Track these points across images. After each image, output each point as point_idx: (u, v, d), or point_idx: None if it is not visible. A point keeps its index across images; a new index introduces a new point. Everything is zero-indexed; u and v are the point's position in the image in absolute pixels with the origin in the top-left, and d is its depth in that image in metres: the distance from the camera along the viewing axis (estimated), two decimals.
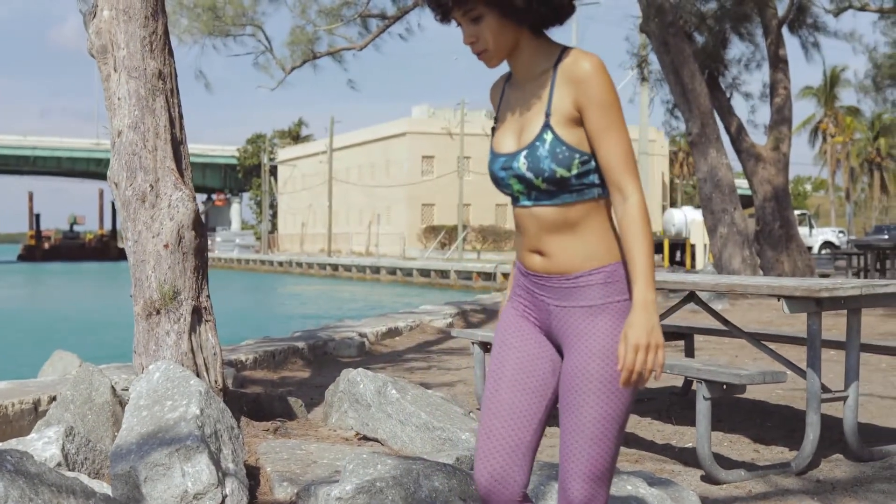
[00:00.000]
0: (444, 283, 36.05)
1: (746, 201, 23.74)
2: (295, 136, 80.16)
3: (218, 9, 18.57)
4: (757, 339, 5.24)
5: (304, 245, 67.14)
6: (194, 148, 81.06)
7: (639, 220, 2.15)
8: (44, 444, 3.94)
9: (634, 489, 3.53)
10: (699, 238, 30.15)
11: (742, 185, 35.31)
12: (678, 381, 6.78)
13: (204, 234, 4.97)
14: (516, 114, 2.29)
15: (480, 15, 2.19)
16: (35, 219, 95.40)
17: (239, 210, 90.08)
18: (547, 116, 2.20)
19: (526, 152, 2.21)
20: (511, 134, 2.28)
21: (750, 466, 4.61)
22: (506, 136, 2.29)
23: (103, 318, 23.37)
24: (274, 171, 74.20)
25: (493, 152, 2.31)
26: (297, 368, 8.31)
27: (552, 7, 2.19)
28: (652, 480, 3.73)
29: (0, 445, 3.90)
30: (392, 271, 41.20)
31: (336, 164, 59.89)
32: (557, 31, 2.29)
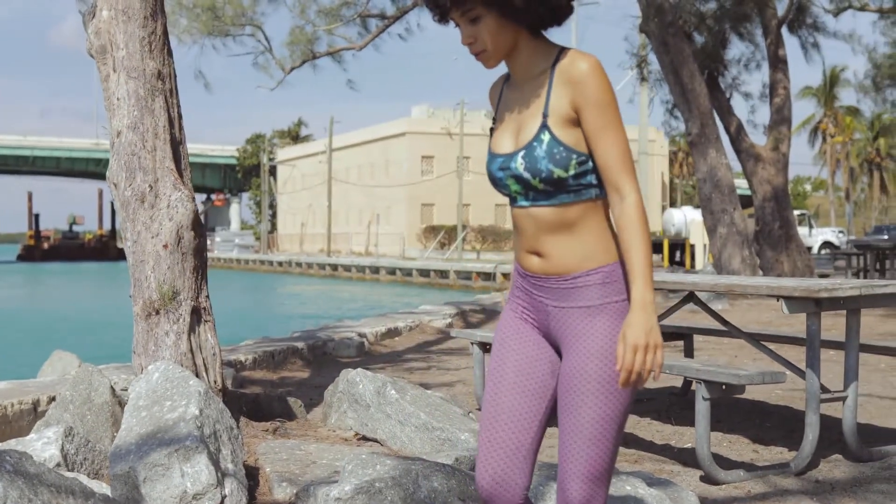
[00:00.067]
0: (444, 283, 36.05)
1: (746, 201, 23.74)
2: (294, 136, 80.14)
3: (217, 9, 18.58)
4: (756, 339, 5.24)
5: (304, 245, 67.14)
6: (194, 148, 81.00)
7: (636, 220, 2.16)
8: (43, 444, 3.94)
9: (633, 489, 3.54)
10: (699, 238, 30.16)
11: (742, 186, 35.31)
12: (677, 382, 6.78)
13: (203, 234, 4.98)
14: (514, 114, 2.29)
15: (479, 15, 2.19)
16: (34, 219, 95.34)
17: (238, 210, 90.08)
18: (544, 117, 2.20)
19: (523, 153, 2.22)
20: (509, 134, 2.28)
21: (749, 467, 4.62)
22: (504, 136, 2.30)
23: (103, 318, 23.37)
24: (273, 171, 74.19)
25: (492, 153, 2.32)
26: (296, 369, 8.31)
27: (550, 7, 2.19)
28: (651, 481, 3.73)
29: None
30: (391, 271, 41.20)
31: (335, 164, 59.89)
32: (557, 31, 2.30)
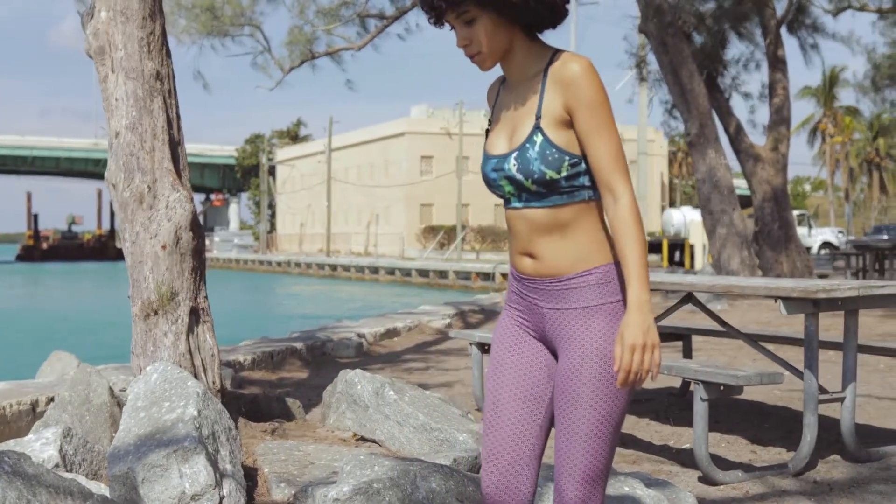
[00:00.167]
0: (443, 283, 36.03)
1: (745, 202, 23.73)
2: (293, 136, 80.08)
3: (216, 9, 18.58)
4: (754, 339, 5.24)
5: (303, 245, 67.13)
6: (193, 148, 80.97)
7: (631, 220, 2.16)
8: (42, 445, 3.95)
9: (631, 490, 3.54)
10: (698, 238, 30.20)
11: (741, 186, 35.32)
12: (676, 382, 6.79)
13: (201, 235, 4.98)
14: (508, 116, 2.30)
15: (474, 17, 2.20)
16: (33, 219, 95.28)
17: (237, 210, 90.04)
18: (537, 119, 2.21)
19: (516, 154, 2.23)
20: (503, 136, 2.30)
21: (747, 467, 4.62)
22: (498, 137, 2.31)
23: (102, 318, 23.36)
24: (272, 171, 74.16)
25: (486, 154, 2.33)
26: (295, 369, 8.31)
27: (547, 5, 2.19)
28: (649, 481, 3.74)
29: None
30: (391, 271, 41.19)
31: (335, 164, 59.89)
32: (556, 31, 2.30)
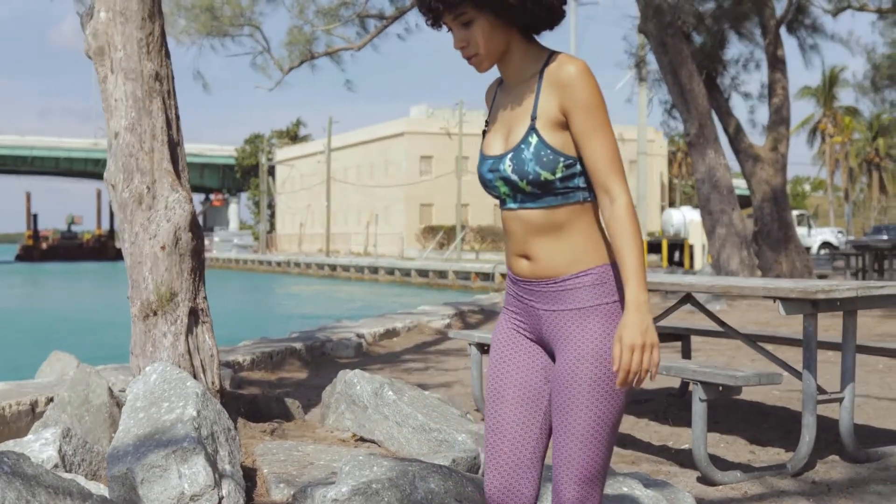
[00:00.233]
0: (443, 283, 36.03)
1: (745, 202, 23.74)
2: (293, 136, 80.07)
3: (215, 9, 18.57)
4: (753, 340, 5.25)
5: (303, 245, 67.13)
6: (192, 148, 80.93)
7: (627, 221, 2.17)
8: (41, 445, 3.95)
9: (630, 490, 3.54)
10: (698, 238, 30.19)
11: (740, 186, 35.33)
12: (675, 383, 6.79)
13: (200, 235, 4.98)
14: (505, 117, 2.31)
15: (471, 19, 2.21)
16: (33, 219, 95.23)
17: (237, 210, 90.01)
18: (532, 120, 2.22)
19: (511, 155, 2.24)
20: (499, 137, 2.31)
21: (746, 468, 4.63)
22: (494, 138, 2.32)
23: (101, 318, 23.35)
24: (272, 171, 74.16)
25: (483, 154, 2.34)
26: (294, 369, 8.32)
27: (544, 7, 2.20)
28: (648, 482, 3.74)
29: None
30: (390, 271, 41.19)
31: (334, 164, 59.89)
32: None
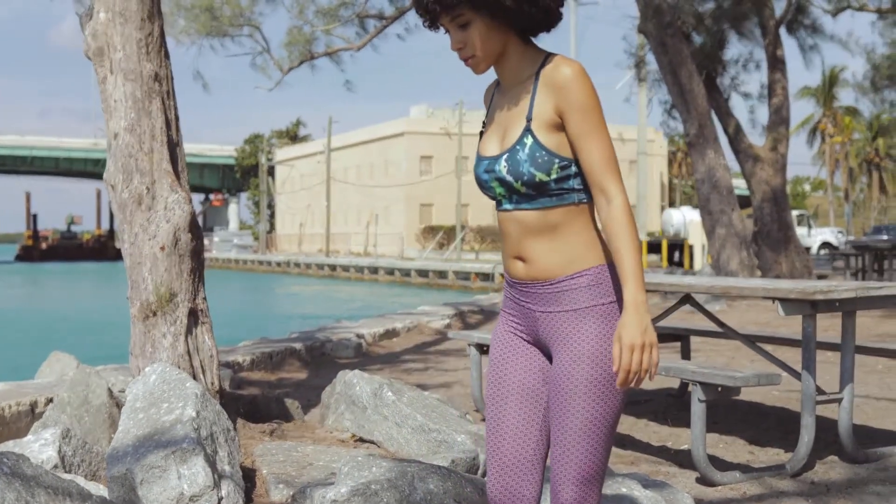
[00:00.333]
0: (443, 283, 36.03)
1: (744, 202, 23.75)
2: (293, 136, 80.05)
3: (215, 9, 18.58)
4: (752, 340, 5.25)
5: (302, 245, 67.13)
6: (192, 148, 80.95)
7: (624, 222, 2.17)
8: (40, 446, 3.95)
9: (629, 491, 3.55)
10: (698, 238, 30.19)
11: (740, 186, 35.34)
12: (674, 383, 6.79)
13: (200, 236, 4.98)
14: (501, 118, 2.32)
15: (468, 21, 2.22)
16: (32, 219, 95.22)
17: (237, 210, 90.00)
18: (528, 121, 2.23)
19: (507, 156, 2.25)
20: (495, 138, 2.32)
21: (745, 468, 4.63)
22: (491, 139, 2.33)
23: (101, 318, 23.35)
24: (272, 172, 74.15)
25: (479, 155, 2.35)
26: (294, 370, 8.32)
27: (541, 8, 2.20)
28: (647, 482, 3.75)
29: None
30: (390, 272, 41.19)
31: (334, 164, 59.89)
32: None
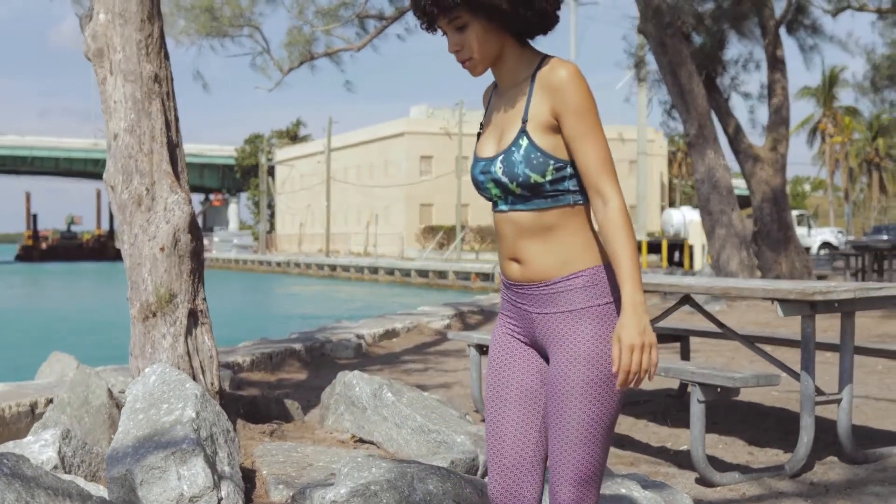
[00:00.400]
0: (443, 283, 36.03)
1: (744, 202, 23.75)
2: (293, 136, 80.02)
3: (215, 10, 18.59)
4: (751, 341, 5.25)
5: (302, 245, 67.12)
6: (192, 148, 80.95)
7: (621, 223, 2.18)
8: (40, 446, 3.96)
9: (628, 491, 3.55)
10: (697, 239, 30.19)
11: (740, 186, 35.34)
12: (674, 384, 6.79)
13: (200, 237, 4.99)
14: (498, 120, 2.34)
15: (466, 23, 2.22)
16: (32, 219, 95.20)
17: (237, 210, 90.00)
18: (524, 123, 2.24)
19: (502, 157, 2.26)
20: (492, 139, 2.33)
21: (744, 469, 4.63)
22: (487, 141, 2.35)
23: (101, 318, 23.36)
24: (272, 172, 74.13)
25: (476, 157, 2.36)
26: (294, 370, 8.32)
27: (537, 11, 2.21)
28: (646, 483, 3.75)
29: None
30: (390, 272, 41.19)
31: (334, 164, 59.89)
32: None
